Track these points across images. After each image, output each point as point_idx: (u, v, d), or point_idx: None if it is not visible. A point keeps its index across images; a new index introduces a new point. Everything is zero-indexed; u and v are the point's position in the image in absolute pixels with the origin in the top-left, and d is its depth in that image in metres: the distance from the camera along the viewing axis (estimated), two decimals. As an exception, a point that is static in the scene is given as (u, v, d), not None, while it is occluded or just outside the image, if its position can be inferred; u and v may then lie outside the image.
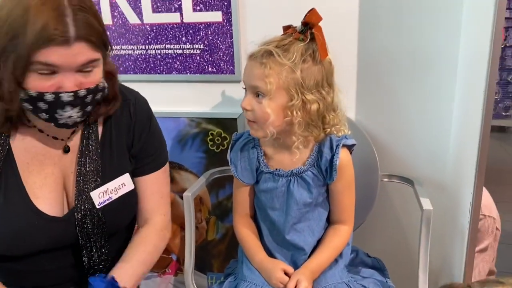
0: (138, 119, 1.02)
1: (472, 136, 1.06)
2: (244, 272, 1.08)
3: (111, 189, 0.97)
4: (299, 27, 0.98)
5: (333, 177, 1.02)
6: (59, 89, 0.81)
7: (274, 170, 1.05)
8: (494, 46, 0.97)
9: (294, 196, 1.04)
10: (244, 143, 1.10)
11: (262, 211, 1.11)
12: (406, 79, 1.29)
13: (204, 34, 1.37)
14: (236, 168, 1.09)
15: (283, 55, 0.94)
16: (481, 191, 1.07)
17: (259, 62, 0.95)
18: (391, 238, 1.42)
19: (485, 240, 1.54)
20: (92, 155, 0.96)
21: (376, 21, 1.27)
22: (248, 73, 0.99)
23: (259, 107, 0.96)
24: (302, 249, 1.07)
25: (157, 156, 1.07)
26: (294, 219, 1.05)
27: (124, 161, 1.01)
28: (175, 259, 1.64)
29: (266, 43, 0.98)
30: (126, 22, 1.41)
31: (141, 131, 1.02)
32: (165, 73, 1.44)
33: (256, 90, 0.97)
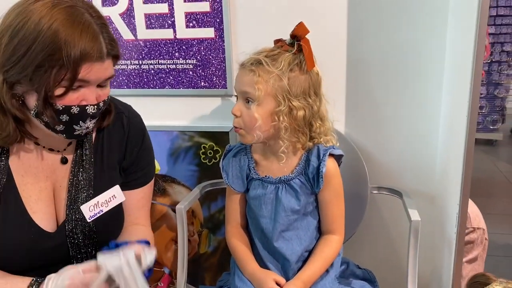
0: (132, 133, 1.03)
1: (458, 149, 1.09)
2: (236, 283, 1.09)
3: (102, 201, 0.97)
4: (288, 40, 1.04)
5: (320, 185, 1.05)
6: (82, 102, 0.84)
7: (263, 176, 1.09)
8: (477, 62, 1.01)
9: (282, 202, 1.06)
10: (236, 151, 1.13)
11: (253, 220, 1.13)
12: (394, 94, 1.33)
13: (196, 50, 1.40)
14: (227, 175, 1.12)
15: (271, 64, 1.00)
16: (467, 202, 1.10)
17: (248, 69, 1.01)
18: (381, 249, 1.43)
19: (474, 251, 1.57)
20: (86, 165, 0.97)
21: (364, 36, 1.30)
22: (239, 80, 1.05)
23: (247, 113, 1.02)
24: (288, 259, 1.08)
25: (147, 171, 1.08)
26: (282, 226, 1.07)
27: (114, 173, 1.01)
28: (168, 273, 1.64)
29: (256, 53, 1.04)
30: (120, 38, 1.44)
31: (133, 145, 1.03)
32: (158, 88, 1.46)
33: (246, 96, 1.02)
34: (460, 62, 1.12)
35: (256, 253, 1.12)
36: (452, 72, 1.23)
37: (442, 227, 1.28)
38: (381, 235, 1.43)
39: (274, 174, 1.08)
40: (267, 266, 1.10)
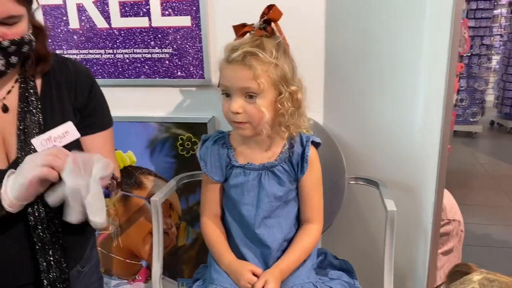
0: (79, 74, 1.01)
1: (434, 140, 1.10)
2: (212, 275, 1.08)
3: (55, 136, 0.94)
4: (257, 24, 1.01)
5: (304, 169, 1.05)
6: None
7: (245, 164, 1.07)
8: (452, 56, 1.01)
9: (266, 189, 1.06)
10: (214, 140, 1.11)
11: (231, 208, 1.11)
12: (372, 86, 1.33)
13: (173, 39, 1.37)
14: (205, 164, 1.10)
15: (265, 53, 0.97)
16: (442, 192, 1.11)
17: (245, 64, 0.96)
18: (358, 239, 1.44)
19: (449, 243, 1.59)
20: (33, 110, 0.94)
21: (342, 27, 1.30)
22: (232, 76, 0.98)
23: (252, 108, 0.99)
24: (269, 247, 1.07)
25: (104, 114, 1.07)
26: (265, 213, 1.06)
27: (66, 112, 0.98)
28: (145, 266, 1.62)
29: (238, 45, 0.99)
30: (94, 26, 1.40)
31: (84, 86, 1.01)
32: (134, 78, 1.43)
33: (246, 92, 0.98)
34: (437, 54, 1.12)
35: (234, 243, 1.11)
36: (429, 63, 1.23)
37: (418, 217, 1.29)
38: (359, 225, 1.43)
39: (256, 161, 1.07)
40: (245, 256, 1.09)
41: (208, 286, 1.07)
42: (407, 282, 1.41)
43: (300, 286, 1.04)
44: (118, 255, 1.62)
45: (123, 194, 1.55)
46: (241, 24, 1.03)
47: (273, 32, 1.01)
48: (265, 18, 1.01)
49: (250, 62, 0.96)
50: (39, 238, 0.92)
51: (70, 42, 1.43)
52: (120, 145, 1.50)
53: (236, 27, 1.04)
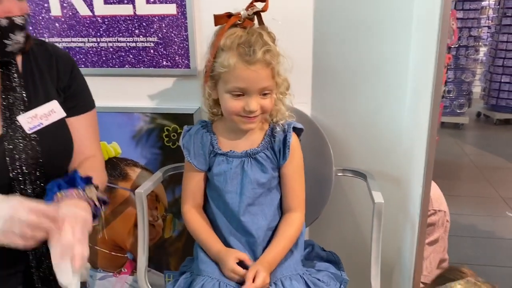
0: (58, 56, 1.01)
1: (421, 133, 1.10)
2: (200, 266, 1.06)
3: (41, 114, 0.93)
4: (245, 14, 0.99)
5: (286, 156, 1.06)
6: (8, 14, 0.84)
7: (227, 151, 1.07)
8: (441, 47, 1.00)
9: (249, 175, 1.05)
10: (197, 129, 1.11)
11: (215, 197, 1.10)
12: (359, 77, 1.31)
13: (158, 27, 1.34)
14: (189, 152, 1.09)
15: (274, 48, 0.98)
16: (430, 184, 1.10)
17: (265, 63, 0.96)
18: (346, 231, 1.44)
19: (435, 233, 1.60)
20: (16, 87, 0.93)
21: (330, 18, 1.28)
22: (255, 77, 0.97)
23: (266, 103, 1.00)
24: (254, 235, 1.06)
25: (87, 95, 1.06)
26: (249, 200, 1.06)
27: (50, 92, 0.97)
28: (131, 258, 1.60)
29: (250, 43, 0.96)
30: (76, 14, 1.36)
31: (65, 67, 1.01)
32: (118, 67, 1.40)
33: (264, 91, 0.99)
34: (426, 45, 1.11)
35: (219, 233, 1.10)
36: (417, 55, 1.23)
37: (405, 209, 1.28)
38: (346, 217, 1.43)
39: (239, 149, 1.07)
40: (232, 245, 1.08)
41: (196, 278, 1.05)
42: (394, 272, 1.42)
43: (288, 278, 1.03)
44: (103, 248, 1.60)
45: (108, 186, 1.52)
46: (227, 14, 1.00)
47: (260, 21, 1.00)
48: (257, 10, 0.99)
49: (269, 60, 0.96)
50: None
51: (52, 30, 1.39)
52: (104, 136, 1.47)
53: (220, 16, 1.00)
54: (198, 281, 1.03)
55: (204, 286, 1.02)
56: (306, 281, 1.06)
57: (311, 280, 1.06)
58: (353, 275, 1.16)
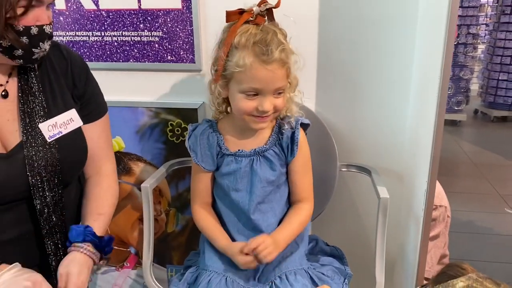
0: (73, 60, 1.01)
1: (427, 129, 1.10)
2: (206, 261, 1.07)
3: (60, 123, 0.94)
4: (257, 10, 0.97)
5: (294, 152, 1.05)
6: (37, 22, 0.84)
7: (236, 151, 1.06)
8: (448, 44, 1.00)
9: (258, 174, 1.05)
10: (203, 129, 1.09)
11: (223, 196, 1.10)
12: (364, 73, 1.32)
13: (163, 21, 1.33)
14: (196, 154, 1.08)
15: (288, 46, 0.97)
16: (435, 180, 1.11)
17: (281, 62, 0.95)
18: (350, 226, 1.44)
19: (436, 228, 1.60)
20: (36, 92, 0.93)
21: (336, 14, 1.28)
22: (271, 77, 0.94)
23: (279, 102, 0.99)
24: (264, 232, 1.06)
25: (100, 100, 1.07)
26: (259, 198, 1.06)
27: (67, 99, 0.98)
28: (134, 253, 1.60)
29: (267, 41, 0.94)
30: (81, 8, 1.36)
31: (79, 71, 1.01)
32: (122, 61, 1.40)
33: (278, 91, 0.98)
34: (431, 45, 1.11)
35: (227, 231, 1.10)
36: (422, 51, 1.23)
37: (409, 204, 1.29)
38: (350, 212, 1.43)
39: (247, 148, 1.06)
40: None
41: (202, 272, 1.06)
42: (397, 268, 1.43)
43: (293, 272, 1.04)
44: (106, 242, 1.60)
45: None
46: (238, 10, 0.97)
47: (272, 18, 0.99)
48: (269, 7, 0.98)
49: (285, 59, 0.95)
50: (47, 221, 0.92)
51: (56, 23, 1.38)
52: (108, 130, 1.47)
53: (232, 12, 0.98)
54: (205, 276, 1.04)
55: (211, 282, 1.02)
56: (311, 276, 1.07)
57: (316, 274, 1.07)
58: (356, 270, 1.17)
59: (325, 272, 1.09)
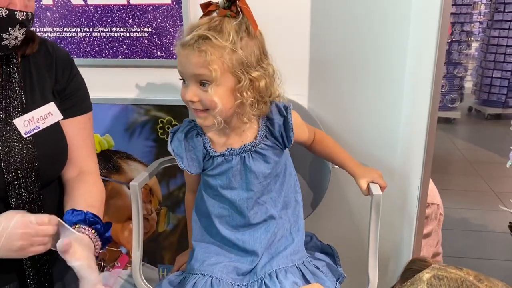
0: (58, 55, 0.98)
1: (420, 126, 1.09)
2: (193, 265, 1.04)
3: (37, 117, 0.91)
4: (221, 3, 0.94)
5: (290, 138, 1.03)
6: (10, 5, 0.80)
7: (224, 151, 1.03)
8: (441, 41, 0.99)
9: (253, 170, 1.02)
10: (185, 132, 1.05)
11: (215, 195, 1.06)
12: (357, 69, 1.30)
13: (152, 17, 1.31)
14: (182, 159, 1.04)
15: (220, 37, 0.90)
16: (428, 177, 1.10)
17: (196, 49, 0.90)
18: (343, 225, 1.43)
19: (428, 226, 1.59)
20: (15, 87, 0.90)
21: (328, 12, 1.26)
22: (185, 62, 0.93)
23: (206, 96, 0.93)
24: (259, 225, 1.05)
25: (83, 97, 1.03)
26: (257, 194, 1.03)
27: (47, 94, 0.95)
28: (125, 252, 1.58)
29: (194, 27, 0.93)
30: (68, 3, 1.33)
31: (63, 66, 0.98)
32: (111, 57, 1.37)
33: (200, 79, 0.93)
34: (425, 39, 1.10)
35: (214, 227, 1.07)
36: (416, 49, 1.22)
37: (403, 202, 1.28)
38: (343, 210, 1.42)
39: (235, 145, 1.03)
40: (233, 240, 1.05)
41: (188, 276, 1.03)
42: (390, 266, 1.42)
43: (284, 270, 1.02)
44: (96, 242, 1.58)
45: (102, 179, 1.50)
46: (207, 2, 0.96)
47: (238, 11, 0.94)
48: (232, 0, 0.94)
49: (201, 47, 0.90)
50: None
51: (43, 19, 1.35)
52: (97, 128, 1.43)
53: (203, 5, 0.97)
54: (190, 279, 1.02)
55: (196, 284, 1.00)
56: (302, 272, 1.04)
57: (310, 269, 1.05)
58: (349, 269, 1.15)
59: (320, 267, 1.07)
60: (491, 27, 5.01)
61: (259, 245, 1.03)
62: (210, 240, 1.07)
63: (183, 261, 1.16)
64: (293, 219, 1.09)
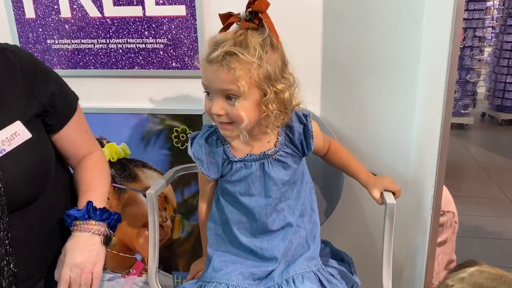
0: (23, 63, 0.89)
1: (433, 133, 1.09)
2: (211, 273, 1.05)
3: (2, 139, 0.83)
4: (243, 15, 0.94)
5: (311, 145, 1.05)
6: None
7: (244, 157, 1.04)
8: (453, 47, 0.99)
9: (272, 177, 1.03)
10: (206, 137, 1.07)
11: (232, 202, 1.07)
12: (369, 77, 1.31)
13: (167, 28, 1.34)
14: (202, 163, 1.05)
15: (246, 53, 0.90)
16: (442, 185, 1.10)
17: (226, 67, 0.90)
18: (357, 232, 1.43)
19: (444, 234, 1.59)
20: None
21: (340, 19, 1.27)
22: (213, 78, 0.93)
23: (232, 110, 0.94)
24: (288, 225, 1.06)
25: (66, 93, 0.97)
26: (276, 200, 1.04)
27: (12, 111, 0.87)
28: (140, 259, 1.60)
29: (219, 42, 0.93)
30: (86, 15, 1.36)
31: (33, 76, 0.90)
32: (127, 68, 1.40)
33: (227, 94, 0.94)
34: (436, 49, 1.10)
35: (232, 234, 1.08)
36: (428, 55, 1.22)
37: (417, 210, 1.28)
38: (357, 218, 1.42)
39: (255, 151, 1.04)
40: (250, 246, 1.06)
41: (205, 285, 1.04)
42: (404, 274, 1.41)
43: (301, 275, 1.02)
44: (111, 249, 1.60)
45: (117, 187, 1.52)
46: (227, 14, 0.96)
47: (260, 23, 0.94)
48: (251, 10, 0.93)
49: (229, 64, 0.90)
50: None
51: (62, 31, 1.39)
52: (113, 137, 1.47)
53: (222, 16, 0.97)
54: None
55: None
56: (319, 278, 1.05)
57: (325, 276, 1.05)
58: (363, 276, 1.15)
59: (335, 275, 1.08)
60: (504, 32, 4.96)
61: (278, 252, 1.04)
62: (226, 249, 1.08)
63: (198, 268, 1.17)
64: (309, 227, 1.09)
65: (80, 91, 1.26)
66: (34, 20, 1.39)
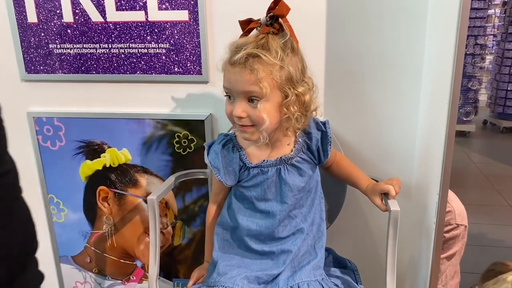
0: None
1: (437, 140, 1.08)
2: (216, 277, 1.04)
3: None
4: (264, 20, 0.96)
5: (328, 152, 1.07)
6: None
7: (260, 162, 1.04)
8: (458, 55, 0.99)
9: (288, 183, 1.03)
10: (222, 145, 1.07)
11: (247, 207, 1.07)
12: (373, 83, 1.30)
13: (170, 33, 1.33)
14: (219, 171, 1.05)
15: (268, 55, 0.92)
16: (446, 192, 1.08)
17: (248, 68, 0.92)
18: (360, 240, 1.42)
19: (454, 247, 1.57)
20: None
21: (343, 25, 1.27)
22: (236, 79, 0.94)
23: (254, 112, 0.95)
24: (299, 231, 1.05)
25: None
26: (291, 207, 1.04)
27: None
28: (140, 266, 1.59)
29: (241, 46, 0.94)
30: (88, 20, 1.36)
31: None
32: (129, 73, 1.39)
33: (249, 96, 0.95)
34: (440, 56, 1.10)
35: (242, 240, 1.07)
36: (432, 63, 1.21)
37: (421, 218, 1.27)
38: (360, 225, 1.41)
39: (272, 157, 1.04)
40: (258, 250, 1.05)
41: None
42: (408, 283, 1.40)
43: (306, 283, 1.01)
44: (112, 255, 1.59)
45: (118, 192, 1.51)
46: (247, 20, 0.98)
47: (281, 28, 0.96)
48: (271, 14, 0.96)
49: (252, 65, 0.92)
50: None
51: (64, 36, 1.38)
52: (114, 142, 1.47)
53: (242, 22, 0.99)
54: None
55: None
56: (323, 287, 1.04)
57: (329, 286, 1.04)
58: (366, 284, 1.14)
59: (339, 285, 1.07)
60: (505, 40, 4.97)
61: (286, 257, 1.04)
62: (232, 252, 1.08)
63: (199, 275, 1.16)
64: (317, 235, 1.09)
65: (82, 95, 1.26)
66: (36, 24, 1.38)
